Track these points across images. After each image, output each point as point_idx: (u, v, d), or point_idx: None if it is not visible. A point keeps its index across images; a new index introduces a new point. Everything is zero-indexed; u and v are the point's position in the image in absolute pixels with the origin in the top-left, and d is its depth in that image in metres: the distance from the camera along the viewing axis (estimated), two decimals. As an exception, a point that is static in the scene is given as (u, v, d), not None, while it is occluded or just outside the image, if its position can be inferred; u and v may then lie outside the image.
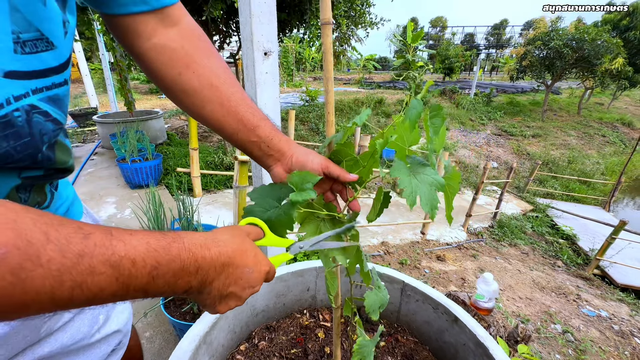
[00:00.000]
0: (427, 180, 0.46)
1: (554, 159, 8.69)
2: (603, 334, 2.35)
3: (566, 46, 10.30)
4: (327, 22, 0.53)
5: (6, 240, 0.20)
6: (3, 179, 0.35)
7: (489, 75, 30.37)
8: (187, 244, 0.31)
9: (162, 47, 0.46)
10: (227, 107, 0.48)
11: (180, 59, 0.46)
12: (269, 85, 0.92)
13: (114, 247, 0.26)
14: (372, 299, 0.57)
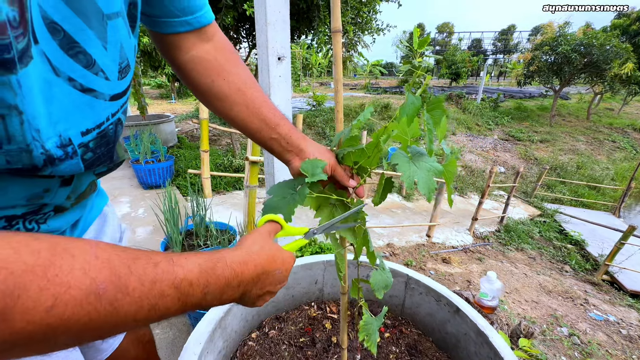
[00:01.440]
0: (425, 167, 0.51)
1: (562, 164, 8.60)
2: (610, 337, 2.34)
3: (574, 51, 10.26)
4: (338, 31, 0.59)
5: (104, 277, 0.25)
6: (86, 177, 0.44)
7: (497, 80, 30.23)
8: (229, 262, 0.36)
9: (199, 58, 0.54)
10: (252, 108, 0.56)
11: (214, 69, 0.55)
12: (282, 88, 0.99)
13: (176, 272, 0.30)
14: (377, 278, 0.62)
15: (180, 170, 3.67)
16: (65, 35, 0.33)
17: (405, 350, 1.06)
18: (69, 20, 0.33)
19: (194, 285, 0.32)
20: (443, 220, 4.31)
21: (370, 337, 0.65)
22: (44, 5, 0.30)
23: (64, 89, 0.34)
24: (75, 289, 0.23)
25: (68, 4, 0.32)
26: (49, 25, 0.32)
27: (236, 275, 0.36)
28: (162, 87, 13.20)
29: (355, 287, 0.71)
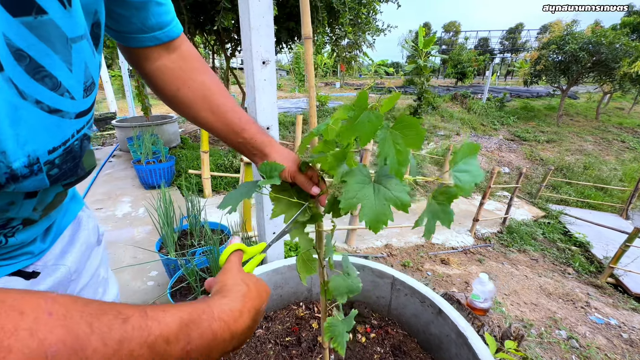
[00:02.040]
0: (385, 195, 0.44)
1: (568, 164, 8.47)
2: (610, 341, 2.31)
3: (582, 50, 10.08)
4: (308, 37, 0.61)
5: (57, 338, 0.21)
6: (52, 190, 0.45)
7: (504, 79, 29.87)
8: (218, 313, 0.33)
9: (165, 67, 0.57)
10: (217, 114, 0.59)
11: (179, 77, 0.57)
12: (267, 91, 1.01)
13: (149, 327, 0.27)
14: (337, 283, 0.61)
15: (182, 171, 3.72)
16: (31, 61, 0.34)
17: (390, 350, 1.07)
18: (34, 47, 0.34)
19: (172, 342, 0.28)
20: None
21: (337, 339, 0.63)
22: (9, 34, 0.32)
23: (31, 112, 0.35)
24: (17, 353, 0.19)
25: (33, 32, 0.33)
26: (15, 53, 0.33)
27: (228, 327, 0.33)
28: (168, 88, 13.32)
29: (322, 290, 0.72)
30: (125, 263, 2.03)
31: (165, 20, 0.54)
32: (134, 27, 0.51)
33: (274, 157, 0.59)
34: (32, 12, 0.33)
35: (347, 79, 25.07)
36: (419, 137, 0.44)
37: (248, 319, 0.37)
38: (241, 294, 0.38)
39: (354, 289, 0.62)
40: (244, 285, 0.40)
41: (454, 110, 11.54)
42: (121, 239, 2.41)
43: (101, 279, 0.64)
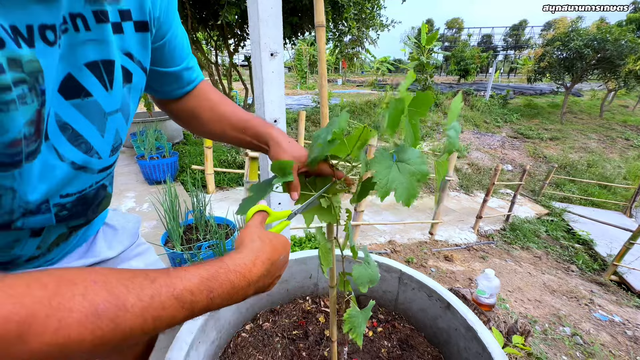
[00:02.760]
0: (408, 170, 0.47)
1: (572, 162, 8.43)
2: (615, 338, 2.30)
3: (587, 46, 9.99)
4: (321, 25, 0.60)
5: (102, 298, 0.27)
6: (57, 229, 0.49)
7: (507, 77, 29.68)
8: (232, 266, 0.39)
9: (186, 104, 0.68)
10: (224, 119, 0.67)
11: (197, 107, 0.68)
12: (275, 84, 1.00)
13: (174, 284, 0.33)
14: (359, 272, 0.63)
15: (185, 166, 3.73)
16: (72, 132, 0.42)
17: (397, 344, 1.07)
18: (77, 121, 0.42)
19: (196, 293, 0.34)
20: (447, 218, 4.28)
21: (356, 330, 0.65)
22: (59, 112, 0.39)
23: (63, 170, 0.42)
24: (77, 312, 0.26)
25: (78, 109, 0.41)
26: (61, 126, 0.40)
27: (243, 276, 0.39)
28: (170, 85, 13.29)
29: (341, 280, 0.72)
30: (130, 257, 2.03)
31: (193, 77, 0.64)
32: (167, 88, 0.63)
33: (275, 152, 0.60)
34: (81, 95, 0.41)
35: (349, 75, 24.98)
36: (427, 107, 0.49)
37: (262, 268, 0.41)
38: (254, 248, 0.43)
39: (375, 278, 0.62)
40: (259, 241, 0.44)
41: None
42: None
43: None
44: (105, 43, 0.41)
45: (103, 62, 0.42)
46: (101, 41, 0.41)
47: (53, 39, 0.35)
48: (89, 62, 0.40)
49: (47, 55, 0.35)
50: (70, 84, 0.39)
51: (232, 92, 4.84)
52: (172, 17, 0.54)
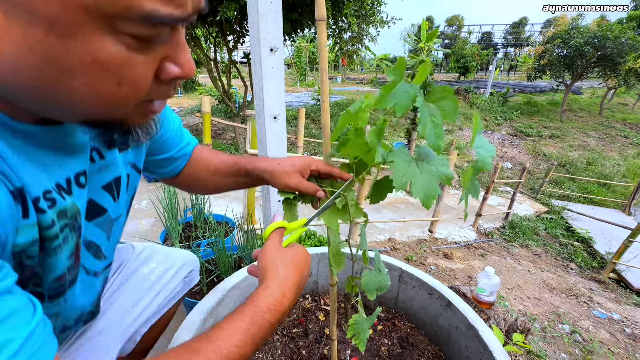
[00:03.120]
0: (429, 170, 0.45)
1: (571, 160, 8.43)
2: (613, 336, 2.31)
3: (587, 44, 9.96)
4: (322, 19, 0.58)
5: None
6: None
7: (507, 74, 29.63)
8: (265, 306, 0.42)
9: (185, 177, 0.71)
10: (218, 170, 0.70)
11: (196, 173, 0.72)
12: (275, 80, 0.99)
13: (219, 348, 0.36)
14: (369, 279, 0.61)
15: (184, 164, 3.71)
16: (94, 246, 0.47)
17: (397, 343, 1.07)
18: (97, 236, 0.47)
19: (242, 345, 0.38)
20: (446, 216, 4.28)
21: (360, 335, 0.65)
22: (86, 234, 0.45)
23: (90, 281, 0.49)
24: None
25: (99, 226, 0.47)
26: (87, 245, 0.46)
27: (277, 312, 0.42)
28: (169, 82, 13.23)
29: (349, 284, 0.71)
30: (129, 255, 2.02)
31: (187, 150, 0.67)
32: (165, 170, 0.67)
33: (278, 171, 0.61)
34: (101, 214, 0.47)
35: (348, 73, 24.90)
36: (454, 108, 0.45)
37: (291, 296, 0.45)
38: (280, 278, 0.45)
39: (384, 286, 0.61)
40: (282, 267, 0.46)
41: (457, 105, 11.44)
42: (125, 231, 2.40)
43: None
44: (115, 164, 0.48)
45: (114, 180, 0.49)
46: (113, 164, 0.48)
47: (84, 181, 0.41)
48: (105, 185, 0.47)
49: (81, 196, 0.41)
50: (92, 207, 0.45)
51: (231, 89, 4.81)
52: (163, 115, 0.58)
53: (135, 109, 0.33)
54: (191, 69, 0.32)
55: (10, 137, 0.31)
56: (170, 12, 0.26)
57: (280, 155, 1.20)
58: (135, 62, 0.28)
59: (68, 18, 0.23)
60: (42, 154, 0.35)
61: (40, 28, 0.23)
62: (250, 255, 1.43)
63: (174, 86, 0.34)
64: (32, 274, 0.36)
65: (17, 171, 0.31)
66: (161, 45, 0.29)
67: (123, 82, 0.28)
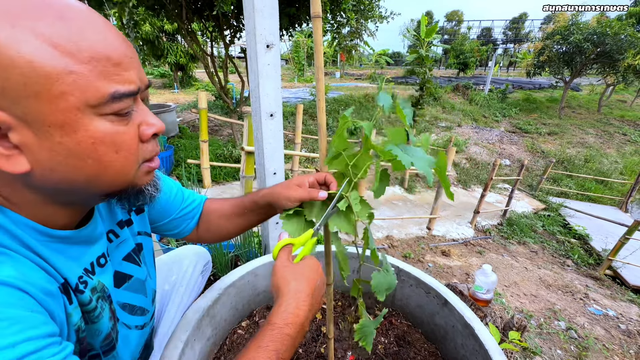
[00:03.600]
0: (418, 155, 0.51)
1: (569, 157, 8.45)
2: (608, 332, 2.33)
3: (587, 40, 9.93)
4: (317, 16, 0.57)
5: None
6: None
7: (506, 71, 29.56)
8: (282, 322, 0.45)
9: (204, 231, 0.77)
10: (231, 214, 0.75)
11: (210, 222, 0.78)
12: (272, 76, 0.97)
13: None
14: (379, 280, 0.61)
15: (181, 160, 3.69)
16: (130, 306, 0.58)
17: (394, 341, 1.07)
18: (130, 298, 0.58)
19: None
20: (445, 213, 4.29)
21: (366, 338, 0.67)
22: (118, 298, 0.56)
23: (134, 334, 0.60)
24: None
25: (128, 290, 0.58)
26: (122, 306, 0.57)
27: (295, 324, 0.46)
28: (165, 77, 13.15)
29: (355, 287, 0.71)
30: (125, 252, 2.01)
31: (195, 205, 0.73)
32: (179, 229, 0.73)
33: (281, 185, 0.66)
34: (127, 280, 0.57)
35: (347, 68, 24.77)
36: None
37: (306, 307, 0.48)
38: (291, 292, 0.48)
39: (392, 285, 0.62)
40: (293, 281, 0.49)
41: (456, 102, 11.44)
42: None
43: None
44: (129, 238, 0.59)
45: (132, 250, 0.59)
46: (127, 239, 0.58)
47: (104, 261, 0.52)
48: (124, 256, 0.57)
49: (104, 272, 0.51)
50: (118, 277, 0.55)
51: (228, 84, 4.77)
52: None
53: (139, 171, 0.43)
54: (160, 125, 0.43)
55: (50, 242, 0.42)
56: (127, 89, 0.36)
57: (277, 153, 1.19)
58: (122, 132, 0.38)
59: (70, 119, 0.34)
60: (74, 249, 0.46)
61: (56, 134, 0.34)
62: (247, 254, 1.43)
63: (156, 142, 0.45)
64: (86, 344, 0.47)
65: (59, 269, 0.42)
66: (134, 115, 0.39)
67: (119, 148, 0.38)
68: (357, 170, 0.62)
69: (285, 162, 1.33)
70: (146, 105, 0.45)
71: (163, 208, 0.69)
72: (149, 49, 9.05)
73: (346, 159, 0.62)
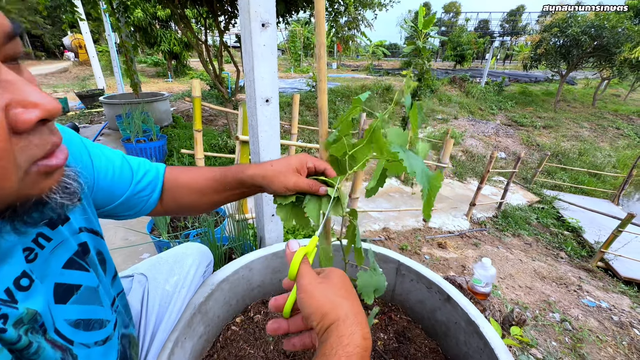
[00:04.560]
0: (421, 167, 0.47)
1: (564, 150, 8.50)
2: (602, 324, 2.35)
3: (584, 33, 9.89)
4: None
5: None
6: None
7: (502, 63, 29.49)
8: (345, 352, 0.35)
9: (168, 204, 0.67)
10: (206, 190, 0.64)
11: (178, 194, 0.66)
12: (267, 58, 0.91)
13: None
14: (365, 280, 0.57)
15: (174, 150, 3.60)
16: (84, 321, 0.47)
17: (394, 336, 1.04)
18: (83, 312, 0.46)
19: None
20: (441, 205, 4.28)
21: None
22: (66, 316, 0.44)
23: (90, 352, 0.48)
24: None
25: (78, 303, 0.46)
26: (74, 324, 0.45)
27: (356, 346, 0.36)
28: (159, 65, 12.83)
29: None
30: (116, 245, 1.95)
31: (152, 177, 0.61)
32: (140, 207, 0.61)
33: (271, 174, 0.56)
34: (74, 292, 0.45)
35: (344, 59, 24.47)
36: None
37: (367, 328, 0.38)
38: (350, 319, 0.37)
39: (381, 286, 0.56)
40: (344, 301, 0.39)
41: (452, 94, 11.38)
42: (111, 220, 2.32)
43: None
44: (68, 239, 0.45)
45: (75, 254, 0.46)
46: (65, 240, 0.44)
47: (28, 282, 0.38)
48: (65, 263, 0.45)
49: (32, 296, 0.38)
50: (60, 290, 0.43)
51: (222, 73, 4.65)
52: (91, 163, 0.52)
53: (28, 176, 0.29)
54: (49, 102, 0.28)
55: None
56: None
57: (272, 142, 1.13)
58: None
59: None
60: None
61: None
62: (242, 247, 1.38)
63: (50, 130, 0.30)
64: None
65: None
66: None
67: None
68: (354, 161, 0.58)
69: (281, 152, 1.27)
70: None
71: (109, 188, 0.55)
72: (142, 36, 8.78)
73: (346, 146, 0.57)
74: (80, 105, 6.48)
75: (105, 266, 0.54)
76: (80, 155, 0.50)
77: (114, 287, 0.56)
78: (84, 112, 6.02)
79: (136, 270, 0.82)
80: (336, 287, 0.41)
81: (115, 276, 0.57)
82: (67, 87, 9.46)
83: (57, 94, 8.05)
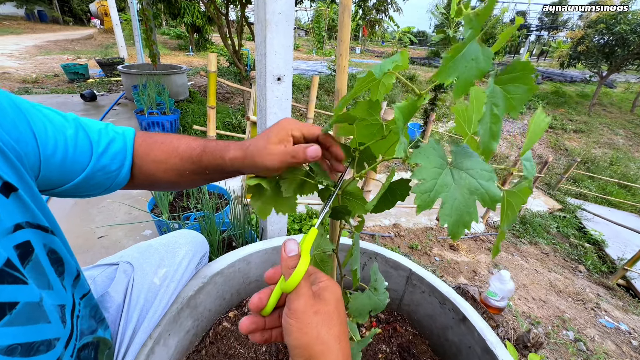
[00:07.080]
0: (467, 184, 0.32)
1: (594, 157, 8.01)
2: (619, 347, 2.20)
3: (633, 32, 9.09)
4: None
5: None
6: None
7: (536, 60, 27.85)
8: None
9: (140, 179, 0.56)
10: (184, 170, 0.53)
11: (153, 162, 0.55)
12: (282, 29, 0.78)
13: None
14: (359, 302, 0.47)
15: (187, 126, 3.54)
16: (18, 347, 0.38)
17: (397, 350, 0.95)
18: (21, 335, 0.38)
19: None
20: (456, 205, 4.11)
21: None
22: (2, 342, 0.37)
23: None
24: None
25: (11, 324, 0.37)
26: (10, 351, 0.37)
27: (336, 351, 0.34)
28: (181, 38, 12.74)
29: (345, 299, 0.58)
30: (118, 219, 1.93)
31: (120, 147, 0.50)
32: (107, 184, 0.51)
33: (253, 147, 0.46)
34: (10, 310, 0.36)
35: (368, 45, 23.67)
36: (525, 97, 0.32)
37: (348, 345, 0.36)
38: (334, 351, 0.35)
39: (379, 306, 0.47)
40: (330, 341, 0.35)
41: (480, 88, 10.82)
42: (117, 194, 2.30)
43: None
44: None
45: (5, 264, 0.36)
46: None
47: None
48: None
49: None
50: None
51: (242, 49, 4.51)
52: (32, 133, 0.40)
53: None
54: None
55: None
56: None
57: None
58: None
59: None
60: None
61: None
62: (244, 235, 1.30)
63: None
64: None
65: None
66: None
67: None
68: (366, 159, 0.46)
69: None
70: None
71: (60, 163, 0.44)
72: (166, 7, 8.67)
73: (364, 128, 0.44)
74: (100, 72, 6.51)
75: (62, 267, 0.44)
76: (14, 123, 0.38)
77: (77, 290, 0.48)
78: (103, 80, 6.04)
79: (122, 257, 0.73)
80: (331, 320, 0.35)
81: (78, 277, 0.48)
82: (90, 54, 9.53)
83: (80, 60, 8.12)
